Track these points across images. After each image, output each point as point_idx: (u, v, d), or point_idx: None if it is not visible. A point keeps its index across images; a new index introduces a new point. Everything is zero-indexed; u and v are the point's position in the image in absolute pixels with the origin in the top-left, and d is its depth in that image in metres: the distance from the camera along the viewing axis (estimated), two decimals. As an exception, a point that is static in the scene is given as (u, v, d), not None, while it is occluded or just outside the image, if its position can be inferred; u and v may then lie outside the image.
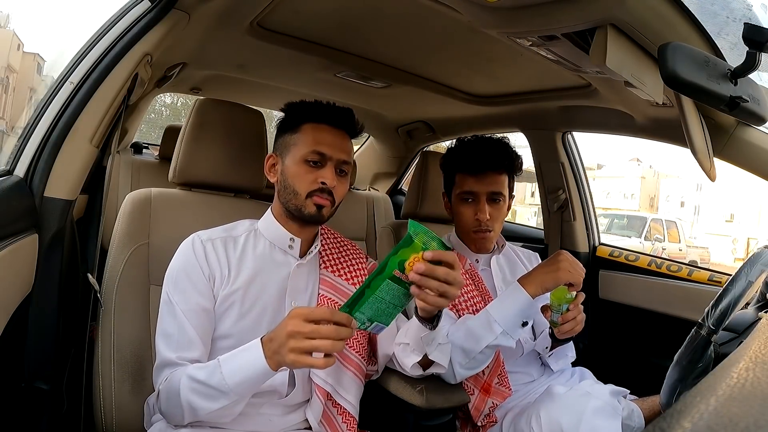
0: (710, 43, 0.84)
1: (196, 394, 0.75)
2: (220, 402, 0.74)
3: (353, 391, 0.91)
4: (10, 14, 26.40)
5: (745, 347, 0.39)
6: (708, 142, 0.95)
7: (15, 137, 0.98)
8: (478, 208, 1.15)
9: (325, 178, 0.88)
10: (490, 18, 0.87)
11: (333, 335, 0.68)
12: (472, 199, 1.17)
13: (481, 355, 0.99)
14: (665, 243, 11.35)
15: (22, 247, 0.83)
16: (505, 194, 1.18)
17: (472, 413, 1.05)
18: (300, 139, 0.91)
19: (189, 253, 0.86)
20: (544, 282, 0.99)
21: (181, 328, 0.82)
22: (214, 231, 0.91)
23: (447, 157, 1.24)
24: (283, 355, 0.69)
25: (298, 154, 0.90)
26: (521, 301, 0.98)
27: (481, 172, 1.15)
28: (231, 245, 0.90)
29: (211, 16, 1.10)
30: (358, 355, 0.93)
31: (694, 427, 0.22)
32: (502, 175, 1.16)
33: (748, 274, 0.77)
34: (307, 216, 0.89)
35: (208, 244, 0.88)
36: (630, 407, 1.03)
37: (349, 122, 0.94)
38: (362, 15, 1.15)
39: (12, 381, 0.87)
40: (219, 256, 0.87)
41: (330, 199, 0.90)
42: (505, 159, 1.16)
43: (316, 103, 0.94)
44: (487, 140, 1.19)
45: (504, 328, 0.97)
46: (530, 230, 2.25)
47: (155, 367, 0.84)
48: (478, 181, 1.15)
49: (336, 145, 0.91)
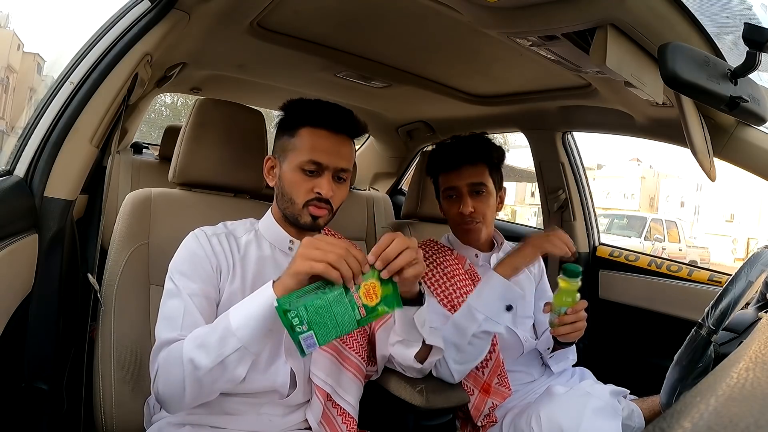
0: (710, 43, 0.84)
1: (198, 348, 0.71)
2: (224, 350, 0.70)
3: (353, 392, 0.91)
4: (10, 14, 26.39)
5: (745, 347, 0.39)
6: (708, 142, 0.95)
7: (15, 137, 0.98)
8: (461, 201, 1.16)
9: (321, 188, 0.86)
10: (490, 18, 0.87)
11: (343, 253, 0.68)
12: (455, 195, 1.19)
13: (470, 346, 1.00)
14: (665, 243, 11.35)
15: (22, 247, 0.83)
16: (489, 185, 1.18)
17: (472, 413, 1.05)
18: (297, 145, 0.88)
19: (195, 244, 0.85)
20: (513, 261, 1.03)
21: (186, 310, 0.79)
22: (217, 227, 0.91)
23: (429, 163, 1.26)
24: (290, 267, 0.70)
25: (294, 161, 0.88)
26: (497, 285, 1.01)
27: (457, 167, 1.17)
28: (234, 242, 0.89)
29: (211, 16, 1.10)
30: (358, 356, 0.93)
31: (694, 427, 0.22)
32: (479, 167, 1.17)
33: (748, 274, 0.77)
34: (303, 225, 0.89)
35: (213, 238, 0.87)
36: (630, 407, 1.03)
37: (350, 125, 0.91)
38: (362, 15, 1.15)
39: (12, 381, 0.87)
40: (224, 250, 0.87)
41: (327, 208, 0.88)
42: (479, 151, 1.18)
43: (315, 104, 0.91)
44: (462, 138, 1.22)
45: (486, 315, 0.99)
46: (530, 230, 2.24)
47: (153, 351, 0.79)
48: (457, 176, 1.17)
49: (334, 152, 0.88)
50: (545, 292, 1.30)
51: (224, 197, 1.11)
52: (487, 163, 1.18)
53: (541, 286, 1.31)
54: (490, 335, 1.02)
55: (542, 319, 1.29)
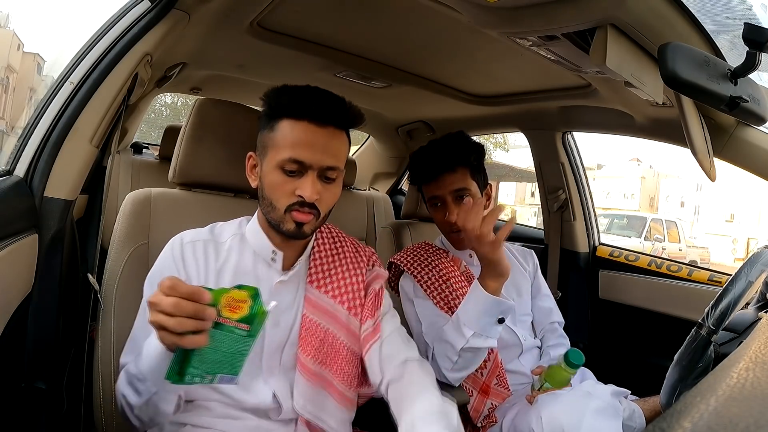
0: (710, 43, 0.84)
1: (128, 385, 0.70)
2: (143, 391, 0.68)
3: (338, 416, 0.83)
4: (10, 14, 26.39)
5: (745, 347, 0.39)
6: (708, 142, 0.95)
7: (15, 137, 0.98)
8: (447, 209, 1.15)
9: (303, 190, 0.75)
10: (490, 18, 0.87)
11: (171, 309, 0.56)
12: (439, 203, 1.17)
13: (461, 359, 0.98)
14: (665, 243, 11.35)
15: (22, 247, 0.83)
16: (472, 188, 1.14)
17: (471, 414, 1.05)
18: (276, 140, 0.77)
19: (168, 255, 0.81)
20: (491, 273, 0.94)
21: (147, 333, 0.69)
22: (200, 232, 0.85)
23: (411, 175, 1.25)
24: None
25: (273, 160, 0.76)
26: (481, 300, 0.94)
27: (436, 176, 1.15)
28: (213, 251, 0.82)
29: (211, 16, 1.10)
30: (342, 383, 0.84)
31: (694, 427, 0.22)
32: (459, 172, 1.14)
33: (748, 274, 0.77)
34: (287, 233, 0.78)
35: (189, 246, 0.81)
36: (631, 408, 1.03)
37: (339, 114, 0.77)
38: (362, 15, 1.15)
39: (12, 381, 0.87)
40: (198, 261, 0.80)
41: (313, 213, 0.77)
42: (454, 156, 1.14)
43: (297, 90, 0.77)
44: (438, 142, 1.18)
45: (475, 330, 0.95)
46: (530, 230, 2.24)
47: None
48: (437, 186, 1.16)
49: (318, 147, 0.75)
50: (540, 289, 1.31)
51: (224, 197, 1.11)
52: (468, 166, 1.15)
53: (536, 283, 1.31)
54: (481, 349, 0.99)
55: (540, 319, 1.29)
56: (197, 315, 0.57)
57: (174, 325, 0.56)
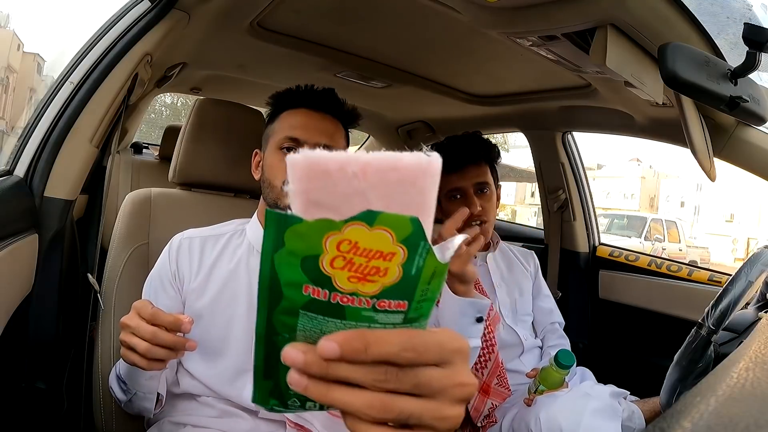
0: (710, 43, 0.84)
1: (115, 382, 0.77)
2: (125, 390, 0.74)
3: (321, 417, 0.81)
4: (10, 14, 26.39)
5: (745, 347, 0.39)
6: (708, 142, 0.95)
7: (15, 137, 0.98)
8: (468, 202, 1.16)
9: None
10: (490, 18, 0.87)
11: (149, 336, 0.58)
12: (460, 195, 1.18)
13: None
14: (665, 243, 11.36)
15: (22, 247, 0.83)
16: (491, 183, 1.19)
17: (472, 414, 1.05)
18: (275, 129, 0.86)
19: (164, 256, 0.85)
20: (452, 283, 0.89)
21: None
22: (202, 230, 0.88)
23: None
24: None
25: (273, 144, 0.85)
26: (455, 304, 0.89)
27: (461, 167, 1.17)
28: (210, 245, 0.85)
29: (211, 16, 1.10)
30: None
31: (694, 427, 0.22)
32: (482, 167, 1.19)
33: (748, 274, 0.77)
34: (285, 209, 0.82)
35: (185, 242, 0.85)
36: (630, 408, 1.03)
37: (330, 102, 0.86)
38: (362, 15, 1.15)
39: (12, 381, 0.87)
40: (192, 257, 0.83)
41: None
42: (481, 150, 1.19)
43: (297, 88, 0.88)
44: (460, 137, 1.23)
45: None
46: (530, 230, 2.24)
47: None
48: (461, 177, 1.17)
49: (311, 127, 0.83)
50: (541, 290, 1.31)
51: (224, 197, 1.11)
52: (488, 162, 1.20)
53: (537, 283, 1.31)
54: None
55: (541, 319, 1.29)
56: (174, 346, 0.59)
57: (145, 351, 0.58)
